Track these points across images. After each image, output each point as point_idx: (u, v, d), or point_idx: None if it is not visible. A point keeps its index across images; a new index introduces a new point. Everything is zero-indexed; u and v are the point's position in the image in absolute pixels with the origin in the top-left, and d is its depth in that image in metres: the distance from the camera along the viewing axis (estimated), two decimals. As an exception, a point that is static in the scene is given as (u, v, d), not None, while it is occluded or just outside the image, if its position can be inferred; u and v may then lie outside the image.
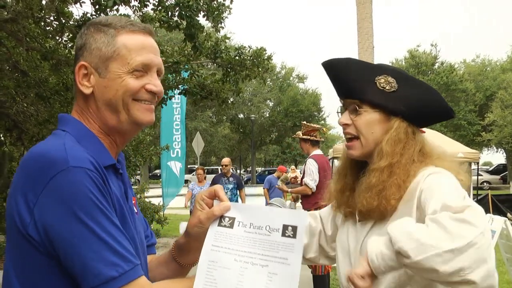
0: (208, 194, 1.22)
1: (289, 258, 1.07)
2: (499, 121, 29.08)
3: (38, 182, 0.99)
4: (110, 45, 1.14)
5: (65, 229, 0.97)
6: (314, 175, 5.44)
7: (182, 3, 5.47)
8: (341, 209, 1.56)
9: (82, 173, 1.00)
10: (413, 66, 35.81)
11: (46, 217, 0.98)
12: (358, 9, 13.15)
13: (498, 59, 37.34)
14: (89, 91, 1.15)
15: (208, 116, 35.36)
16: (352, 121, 1.45)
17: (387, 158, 1.39)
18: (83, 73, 1.15)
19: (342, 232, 1.56)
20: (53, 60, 5.78)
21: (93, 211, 0.98)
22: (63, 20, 5.43)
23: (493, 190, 18.36)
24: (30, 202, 0.99)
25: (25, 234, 0.99)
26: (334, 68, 1.51)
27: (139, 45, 1.16)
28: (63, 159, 1.00)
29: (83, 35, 1.18)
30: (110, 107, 1.15)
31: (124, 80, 1.14)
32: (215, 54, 6.77)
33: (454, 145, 11.02)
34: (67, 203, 0.97)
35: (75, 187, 0.98)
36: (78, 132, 1.13)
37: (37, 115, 6.51)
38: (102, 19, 1.19)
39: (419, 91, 1.43)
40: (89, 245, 0.96)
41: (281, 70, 43.12)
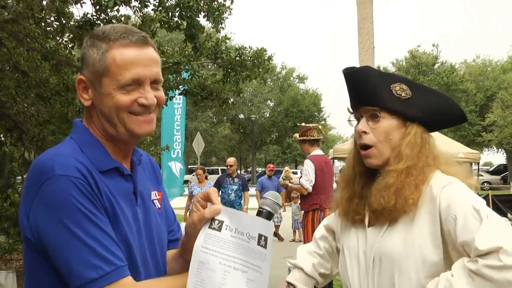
0: (203, 196, 1.26)
1: (262, 268, 1.13)
2: (499, 122, 29.07)
3: (32, 189, 1.08)
4: (101, 61, 1.17)
5: (52, 234, 1.05)
6: (310, 176, 5.42)
7: (182, 4, 5.47)
8: (349, 217, 1.57)
9: (66, 181, 1.06)
10: (413, 67, 35.80)
11: (38, 222, 1.07)
12: (359, 10, 13.15)
13: (498, 59, 37.34)
14: (88, 103, 1.21)
15: (209, 117, 35.36)
16: (371, 128, 1.48)
17: (406, 160, 1.43)
18: (83, 86, 1.21)
19: (350, 237, 1.57)
20: (53, 60, 5.78)
21: (77, 216, 1.05)
22: (63, 20, 5.43)
23: (494, 191, 18.33)
24: (27, 207, 1.09)
25: (24, 236, 1.10)
26: (353, 76, 1.54)
27: (129, 60, 1.16)
28: (50, 168, 1.08)
29: (83, 46, 1.22)
30: (107, 120, 1.20)
31: (114, 97, 1.17)
32: (216, 55, 6.77)
33: (454, 145, 11.03)
34: (53, 209, 1.05)
35: (60, 194, 1.06)
36: (82, 139, 1.20)
37: (38, 116, 6.51)
38: (99, 31, 1.21)
39: (434, 98, 1.50)
40: (72, 249, 1.04)
41: (282, 70, 43.11)
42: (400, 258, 1.37)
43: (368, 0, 12.98)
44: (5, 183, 6.42)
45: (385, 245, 1.42)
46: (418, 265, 1.35)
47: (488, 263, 1.18)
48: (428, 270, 1.34)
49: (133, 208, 1.22)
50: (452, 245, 1.30)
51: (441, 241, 1.34)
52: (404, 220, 1.40)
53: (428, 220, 1.36)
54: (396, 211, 1.40)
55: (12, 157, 6.88)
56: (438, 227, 1.34)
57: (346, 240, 1.59)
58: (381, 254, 1.42)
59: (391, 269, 1.38)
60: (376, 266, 1.43)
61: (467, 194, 1.35)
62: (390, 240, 1.41)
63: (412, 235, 1.37)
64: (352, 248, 1.54)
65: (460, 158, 10.06)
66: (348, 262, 1.55)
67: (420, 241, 1.36)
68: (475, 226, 1.25)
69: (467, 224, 1.26)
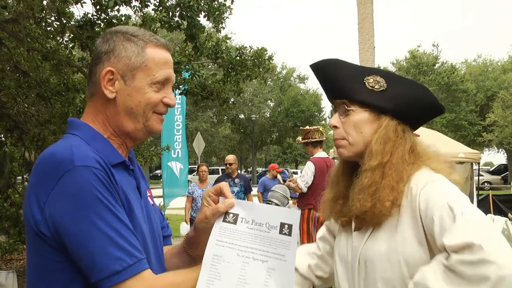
0: (214, 191, 1.27)
1: (285, 255, 1.12)
2: (500, 122, 29.06)
3: (48, 182, 1.05)
4: (140, 56, 1.20)
5: (73, 227, 1.02)
6: (307, 178, 5.53)
7: (183, 4, 5.47)
8: (336, 219, 1.53)
9: (87, 172, 1.05)
10: (414, 66, 35.79)
11: (56, 215, 1.04)
12: (359, 9, 13.15)
13: (499, 59, 37.33)
14: (112, 96, 1.20)
15: (209, 117, 35.36)
16: (342, 122, 1.44)
17: (377, 157, 1.37)
18: (109, 78, 1.20)
19: (340, 241, 1.54)
20: (54, 60, 5.78)
21: (99, 208, 1.04)
22: (64, 20, 5.43)
23: (494, 191, 18.33)
24: (41, 202, 1.05)
25: (37, 231, 1.06)
26: (321, 69, 1.49)
27: (164, 60, 1.24)
28: (69, 159, 1.06)
29: (110, 40, 1.22)
30: (129, 114, 1.21)
31: (148, 92, 1.20)
32: (216, 55, 6.77)
33: (455, 145, 11.00)
34: (74, 201, 1.03)
35: (81, 186, 1.04)
36: (87, 135, 1.19)
37: (38, 116, 6.51)
38: (129, 29, 1.24)
39: (408, 88, 1.42)
40: (95, 241, 1.02)
41: (282, 70, 43.12)
42: (383, 264, 1.33)
43: (368, 0, 12.98)
44: (5, 183, 6.42)
45: (368, 251, 1.37)
46: (402, 271, 1.30)
47: (461, 259, 1.13)
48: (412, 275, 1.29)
49: (140, 202, 1.25)
50: (436, 250, 1.25)
51: (427, 247, 1.29)
52: (388, 224, 1.35)
53: (411, 224, 1.31)
54: (375, 216, 1.34)
55: (12, 157, 6.88)
56: (422, 232, 1.29)
57: (337, 243, 1.56)
58: (365, 259, 1.38)
59: (375, 275, 1.35)
60: (361, 272, 1.39)
61: (444, 193, 1.28)
62: (374, 245, 1.36)
63: (395, 240, 1.32)
64: (341, 252, 1.51)
65: (460, 158, 10.04)
66: (338, 266, 1.52)
67: (404, 246, 1.30)
68: (450, 224, 1.19)
69: (442, 225, 1.21)
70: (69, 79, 6.30)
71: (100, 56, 1.22)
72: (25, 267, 4.63)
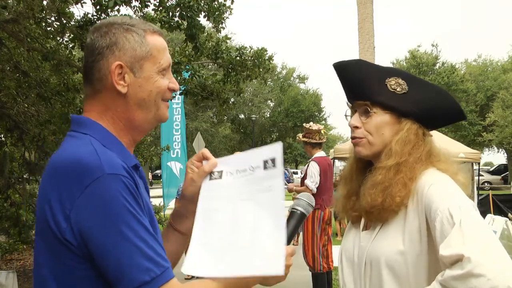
0: (197, 158, 1.30)
1: (272, 185, 1.14)
2: (500, 122, 29.06)
3: (74, 189, 1.01)
4: (144, 45, 1.18)
5: (101, 236, 1.00)
6: (315, 178, 5.54)
7: (183, 4, 5.47)
8: (348, 214, 1.55)
9: (117, 180, 1.03)
10: (414, 66, 35.78)
11: (83, 224, 1.01)
12: (359, 9, 13.16)
13: (499, 59, 37.33)
14: (125, 90, 1.17)
15: (209, 117, 35.35)
16: (362, 123, 1.45)
17: (395, 157, 1.38)
18: (118, 72, 1.16)
19: (348, 240, 1.55)
20: (54, 60, 5.78)
21: (127, 217, 1.02)
22: (64, 20, 5.43)
23: (494, 191, 18.33)
24: (66, 209, 1.02)
25: (62, 239, 1.02)
26: (344, 69, 1.50)
27: (163, 46, 1.23)
28: (98, 167, 1.03)
29: (110, 33, 1.17)
30: (141, 106, 1.19)
31: (157, 80, 1.19)
32: (216, 55, 6.77)
33: (455, 145, 11.01)
34: (103, 210, 1.00)
35: (111, 195, 1.01)
36: (101, 135, 1.15)
37: (38, 116, 6.51)
38: (123, 19, 1.21)
39: (431, 93, 1.44)
40: (124, 252, 1.00)
41: (282, 70, 43.12)
42: (389, 264, 1.34)
43: (368, 0, 12.99)
44: (5, 183, 6.42)
45: (375, 250, 1.39)
46: (408, 271, 1.31)
47: (452, 274, 1.14)
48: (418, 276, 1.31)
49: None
50: None
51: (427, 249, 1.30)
52: (395, 224, 1.36)
53: (417, 225, 1.32)
54: (385, 210, 1.36)
55: (12, 157, 6.88)
56: (426, 233, 1.30)
57: (344, 243, 1.57)
58: (371, 258, 1.39)
59: (381, 274, 1.35)
60: (367, 270, 1.40)
61: (447, 195, 1.29)
62: (380, 244, 1.38)
63: (402, 240, 1.33)
64: (347, 251, 1.52)
65: (460, 158, 10.04)
66: (344, 265, 1.53)
67: (410, 247, 1.32)
68: (448, 232, 1.20)
69: (442, 230, 1.22)
70: (69, 79, 6.30)
71: (101, 51, 1.16)
72: (25, 268, 4.65)
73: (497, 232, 5.93)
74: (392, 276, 1.33)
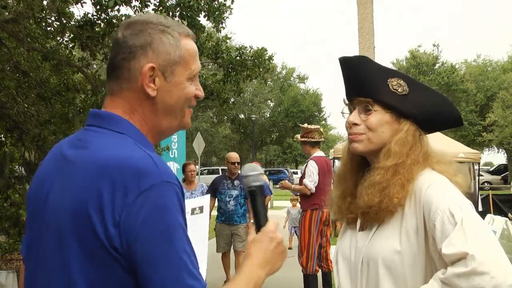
0: None
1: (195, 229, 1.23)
2: (500, 122, 29.10)
3: (129, 192, 0.95)
4: (178, 49, 1.12)
5: (151, 245, 0.95)
6: (314, 177, 5.48)
7: (183, 3, 5.47)
8: (343, 216, 1.55)
9: (172, 190, 0.99)
10: (414, 67, 35.83)
11: (132, 231, 0.95)
12: (359, 9, 13.16)
13: (499, 59, 37.36)
14: (154, 94, 1.10)
15: (209, 117, 35.38)
16: (362, 120, 1.44)
17: (394, 158, 1.39)
18: (150, 75, 1.11)
19: (344, 240, 1.55)
20: (54, 60, 5.78)
21: (178, 230, 0.98)
22: (64, 20, 5.43)
23: (494, 191, 18.33)
24: (117, 213, 0.95)
25: (107, 245, 0.95)
26: (349, 64, 1.50)
27: (195, 51, 1.17)
28: (156, 173, 0.98)
29: (145, 32, 1.11)
30: (168, 112, 1.14)
31: (186, 87, 1.14)
32: (216, 54, 6.78)
33: (455, 145, 11.01)
34: (156, 218, 0.95)
35: (166, 204, 0.97)
36: (136, 136, 1.09)
37: (38, 116, 6.51)
38: (159, 18, 1.15)
39: (431, 97, 1.45)
40: (171, 265, 0.95)
41: (282, 70, 43.16)
42: (386, 263, 1.34)
43: (368, 0, 12.99)
44: (5, 183, 6.43)
45: (372, 250, 1.39)
46: (405, 270, 1.32)
47: (456, 271, 1.15)
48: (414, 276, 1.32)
49: None
50: (438, 254, 1.26)
51: (425, 249, 1.31)
52: (392, 223, 1.37)
53: (414, 225, 1.33)
54: (382, 211, 1.36)
55: (12, 157, 6.88)
56: (423, 233, 1.31)
57: (340, 243, 1.57)
58: (368, 258, 1.39)
59: (378, 274, 1.36)
60: (364, 270, 1.41)
61: (446, 196, 1.30)
62: (377, 244, 1.38)
63: (399, 240, 1.34)
64: (344, 252, 1.52)
65: (460, 158, 10.04)
66: (340, 265, 1.53)
67: (406, 247, 1.32)
68: (450, 231, 1.21)
69: (443, 230, 1.22)
70: (69, 79, 6.30)
71: (134, 50, 1.09)
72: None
73: (497, 232, 5.93)
74: (389, 275, 1.34)
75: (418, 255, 1.32)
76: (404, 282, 1.32)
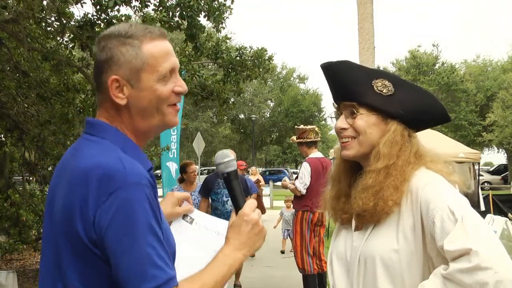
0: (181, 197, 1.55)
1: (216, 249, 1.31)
2: (500, 122, 29.09)
3: (101, 195, 1.06)
4: (138, 57, 1.18)
5: (116, 243, 1.05)
6: (305, 179, 5.45)
7: (183, 4, 5.47)
8: (337, 216, 1.55)
9: (138, 190, 1.08)
10: (414, 67, 35.82)
11: (103, 230, 1.06)
12: (359, 9, 13.16)
13: (499, 59, 37.35)
14: (124, 102, 1.19)
15: (209, 117, 35.39)
16: (349, 124, 1.45)
17: (384, 159, 1.39)
18: (116, 86, 1.19)
19: (339, 240, 1.56)
20: (54, 60, 5.78)
21: (142, 225, 1.07)
22: (64, 20, 5.43)
23: (494, 191, 18.32)
24: (93, 215, 1.06)
25: (89, 245, 1.07)
26: (331, 70, 1.50)
27: (163, 51, 1.22)
28: (122, 175, 1.08)
29: (106, 48, 1.20)
30: (143, 114, 1.21)
31: (157, 89, 1.20)
32: (216, 55, 6.79)
33: (455, 145, 11.01)
34: (121, 217, 1.05)
35: (130, 203, 1.06)
36: (118, 140, 1.19)
37: (38, 116, 6.51)
38: (121, 30, 1.21)
39: (418, 95, 1.45)
40: (135, 258, 1.05)
41: (282, 70, 43.16)
42: (383, 262, 1.35)
43: (368, 0, 12.99)
44: (5, 183, 6.43)
45: (369, 248, 1.39)
46: (402, 268, 1.33)
47: (459, 267, 1.16)
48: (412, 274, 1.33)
49: None
50: (436, 251, 1.27)
51: (422, 247, 1.32)
52: (388, 222, 1.37)
53: (411, 224, 1.34)
54: (377, 213, 1.37)
55: (12, 157, 6.88)
56: (421, 232, 1.31)
57: (334, 244, 1.58)
58: (366, 256, 1.40)
59: (375, 273, 1.36)
60: (361, 269, 1.41)
61: (445, 194, 1.30)
62: (374, 243, 1.39)
63: (396, 238, 1.35)
64: (339, 251, 1.53)
65: (460, 158, 10.04)
66: (335, 265, 1.53)
67: (403, 245, 1.33)
68: (450, 228, 1.22)
69: (443, 227, 1.23)
70: (69, 79, 6.31)
71: (101, 65, 1.21)
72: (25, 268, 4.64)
73: (497, 232, 5.93)
74: (386, 274, 1.35)
75: (415, 253, 1.32)
76: (402, 280, 1.33)
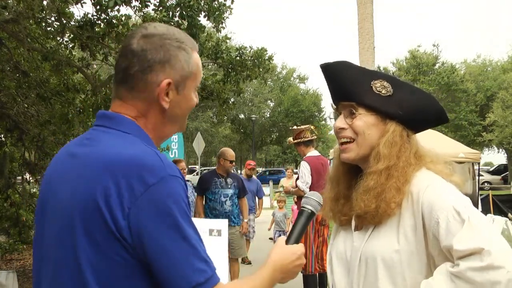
0: None
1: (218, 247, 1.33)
2: (500, 121, 29.09)
3: (137, 186, 1.02)
4: (190, 64, 1.20)
5: (160, 235, 1.02)
6: (306, 178, 5.43)
7: (183, 3, 5.47)
8: (336, 218, 1.55)
9: (177, 182, 1.06)
10: (414, 67, 35.82)
11: (142, 222, 1.01)
12: (359, 9, 13.15)
13: (498, 59, 37.35)
14: (168, 106, 1.18)
15: (209, 117, 35.38)
16: (348, 125, 1.45)
17: (385, 160, 1.39)
18: (166, 89, 1.16)
19: (338, 241, 1.55)
20: (54, 60, 5.78)
21: (185, 219, 1.05)
22: (64, 20, 5.44)
23: (494, 191, 18.32)
24: (126, 206, 1.01)
25: (117, 236, 1.01)
26: (330, 70, 1.51)
27: (200, 63, 1.25)
28: (161, 167, 1.05)
29: (164, 48, 1.16)
30: (174, 120, 1.22)
31: (192, 99, 1.23)
32: (216, 55, 6.79)
33: (455, 145, 11.01)
34: (165, 210, 1.02)
35: (173, 196, 1.04)
36: (142, 137, 1.16)
37: (38, 116, 6.51)
38: (175, 34, 1.20)
39: (417, 96, 1.45)
40: (181, 251, 1.02)
41: (282, 70, 43.16)
42: (384, 262, 1.35)
43: (368, 0, 12.98)
44: (5, 183, 6.43)
45: (370, 249, 1.40)
46: (403, 269, 1.33)
47: (470, 265, 1.16)
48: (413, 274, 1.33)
49: None
50: (438, 250, 1.28)
51: (424, 247, 1.32)
52: (389, 223, 1.37)
53: (412, 224, 1.34)
54: (379, 215, 1.37)
55: (12, 157, 6.88)
56: (422, 233, 1.31)
57: (334, 244, 1.58)
58: (367, 256, 1.40)
59: (376, 273, 1.37)
60: (362, 269, 1.41)
61: (448, 195, 1.31)
62: (375, 243, 1.39)
63: (397, 239, 1.35)
64: (339, 252, 1.53)
65: (460, 158, 10.05)
66: (335, 265, 1.53)
67: (404, 245, 1.33)
68: (457, 229, 1.22)
69: (449, 227, 1.24)
70: (69, 79, 6.31)
71: (152, 64, 1.14)
72: (25, 268, 4.65)
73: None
74: (388, 274, 1.35)
75: (416, 253, 1.33)
76: (403, 280, 1.33)
